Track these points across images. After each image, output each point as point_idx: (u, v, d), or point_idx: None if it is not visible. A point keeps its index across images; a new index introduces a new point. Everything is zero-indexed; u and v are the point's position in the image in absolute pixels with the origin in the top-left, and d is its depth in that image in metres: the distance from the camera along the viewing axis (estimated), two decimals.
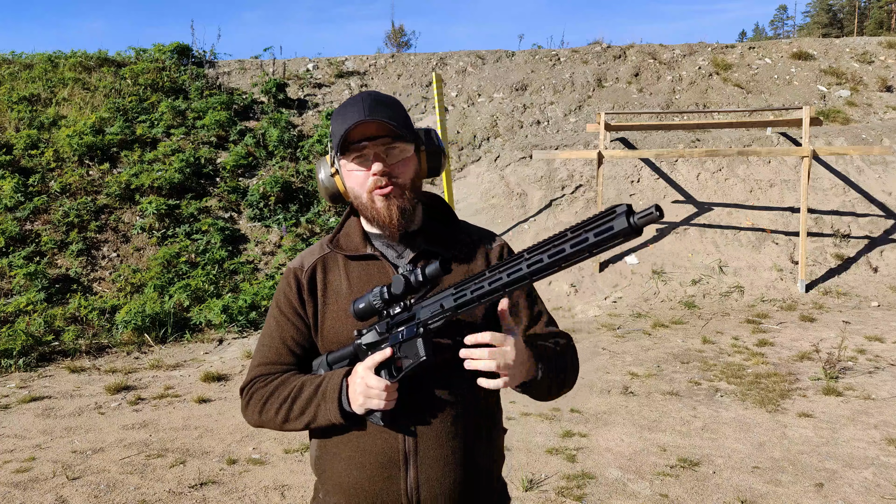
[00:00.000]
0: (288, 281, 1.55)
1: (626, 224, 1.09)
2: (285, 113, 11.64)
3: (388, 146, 1.43)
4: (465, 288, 1.31)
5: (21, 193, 9.08)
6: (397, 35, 28.74)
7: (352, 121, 1.40)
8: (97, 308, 7.59)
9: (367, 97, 1.44)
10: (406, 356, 1.37)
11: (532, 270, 1.21)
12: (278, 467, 4.20)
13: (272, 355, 1.54)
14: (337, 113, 1.46)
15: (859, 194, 10.07)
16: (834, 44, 14.02)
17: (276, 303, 1.56)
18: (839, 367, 5.85)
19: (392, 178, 1.43)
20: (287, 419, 1.47)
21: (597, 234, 1.13)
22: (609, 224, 1.11)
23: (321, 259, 1.55)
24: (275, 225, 9.67)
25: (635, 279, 8.95)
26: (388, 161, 1.43)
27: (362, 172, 1.44)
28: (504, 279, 1.25)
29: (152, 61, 12.31)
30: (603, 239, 1.12)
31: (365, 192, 1.45)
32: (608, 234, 1.11)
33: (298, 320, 1.53)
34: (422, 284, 1.36)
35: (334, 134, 1.45)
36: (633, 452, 4.33)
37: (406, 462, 1.42)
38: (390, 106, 1.45)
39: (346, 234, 1.56)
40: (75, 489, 3.90)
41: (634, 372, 6.02)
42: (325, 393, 1.42)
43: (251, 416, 1.53)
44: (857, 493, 3.77)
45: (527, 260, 1.22)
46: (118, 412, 5.27)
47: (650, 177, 10.43)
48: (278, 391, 1.48)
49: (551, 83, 12.64)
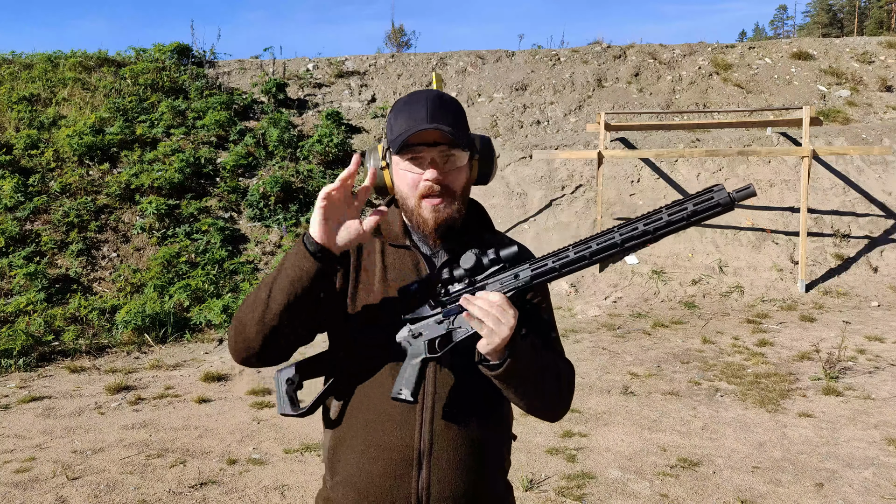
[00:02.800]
0: None
1: (728, 197, 1.16)
2: (285, 113, 11.64)
3: (446, 153, 1.41)
4: (546, 259, 1.31)
5: (21, 193, 9.08)
6: (397, 35, 28.74)
7: (414, 123, 1.38)
8: (97, 308, 7.59)
9: (432, 99, 1.42)
10: (460, 326, 1.35)
11: (625, 238, 1.22)
12: (278, 467, 4.20)
13: None
14: (399, 108, 1.44)
15: (859, 194, 10.07)
16: (834, 44, 14.02)
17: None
18: (839, 367, 5.85)
19: (444, 186, 1.41)
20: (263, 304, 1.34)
21: (696, 204, 1.18)
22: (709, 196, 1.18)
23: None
24: (275, 225, 9.67)
25: (635, 279, 8.95)
26: (442, 168, 1.41)
27: (415, 175, 1.41)
28: (594, 247, 1.25)
29: (152, 61, 12.31)
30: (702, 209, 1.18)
31: (415, 195, 1.42)
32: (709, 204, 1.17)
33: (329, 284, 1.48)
34: (494, 262, 1.35)
35: (392, 129, 1.43)
36: (633, 452, 4.33)
37: (420, 462, 1.40)
38: (453, 112, 1.43)
39: (386, 222, 1.53)
40: (75, 489, 3.90)
41: (634, 372, 6.02)
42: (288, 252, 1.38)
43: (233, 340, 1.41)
44: (857, 493, 3.77)
45: (618, 231, 1.23)
46: (118, 412, 5.27)
47: (650, 177, 10.43)
48: (254, 293, 1.40)
49: (551, 83, 12.64)
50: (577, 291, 8.77)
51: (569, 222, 9.87)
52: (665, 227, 1.20)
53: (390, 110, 1.48)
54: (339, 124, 11.50)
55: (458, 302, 1.36)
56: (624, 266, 9.17)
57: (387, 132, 1.47)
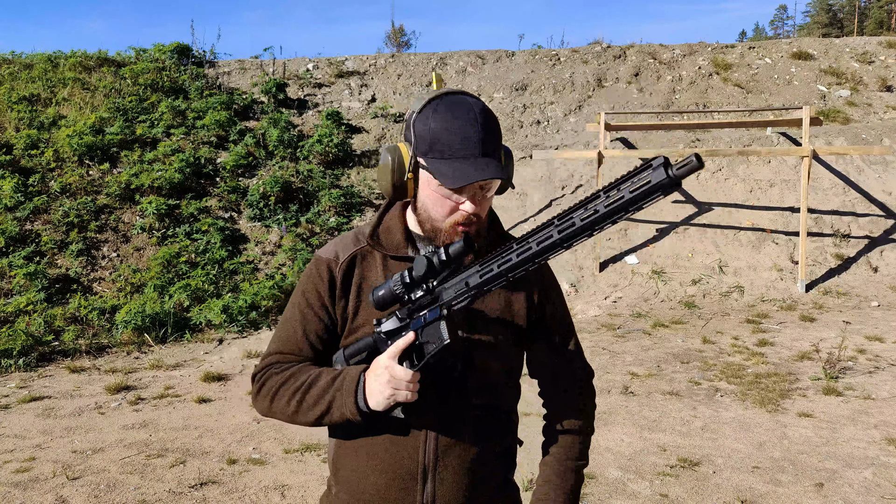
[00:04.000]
0: (319, 271, 1.45)
1: (665, 175, 1.01)
2: (285, 113, 11.64)
3: (486, 186, 1.35)
4: (491, 262, 1.23)
5: (21, 193, 9.08)
6: (397, 35, 28.74)
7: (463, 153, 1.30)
8: (97, 308, 7.59)
9: (482, 121, 1.32)
10: (428, 341, 1.30)
11: (564, 236, 1.13)
12: (278, 467, 4.20)
13: (291, 345, 1.46)
14: (444, 120, 1.32)
15: (859, 194, 10.07)
16: (834, 44, 14.02)
17: (302, 291, 1.47)
18: (839, 367, 5.85)
19: (477, 215, 1.35)
20: (298, 409, 1.38)
21: (633, 191, 1.04)
22: (646, 179, 1.03)
23: (358, 253, 1.45)
24: (275, 225, 9.67)
25: (635, 279, 8.95)
26: (481, 198, 1.35)
27: (452, 203, 1.34)
28: (534, 248, 1.17)
29: (152, 61, 12.31)
30: (640, 194, 1.04)
31: (447, 221, 1.35)
32: (645, 188, 1.03)
33: (324, 314, 1.44)
34: (445, 264, 1.28)
35: (434, 143, 1.32)
36: (633, 452, 4.33)
37: (424, 476, 1.39)
38: (496, 131, 1.35)
39: (386, 230, 1.46)
40: (75, 489, 3.90)
41: (634, 372, 6.02)
42: (343, 385, 1.34)
43: (262, 403, 1.45)
44: (857, 493, 3.77)
45: (557, 226, 1.14)
46: (118, 412, 5.27)
47: None
48: (293, 379, 1.40)
49: (551, 83, 12.64)
50: (577, 291, 8.77)
51: None
52: (603, 220, 1.09)
53: (423, 110, 1.35)
54: (339, 124, 11.50)
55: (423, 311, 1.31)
56: (624, 266, 9.17)
57: (417, 138, 1.34)
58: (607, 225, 1.10)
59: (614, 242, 9.55)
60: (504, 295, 1.46)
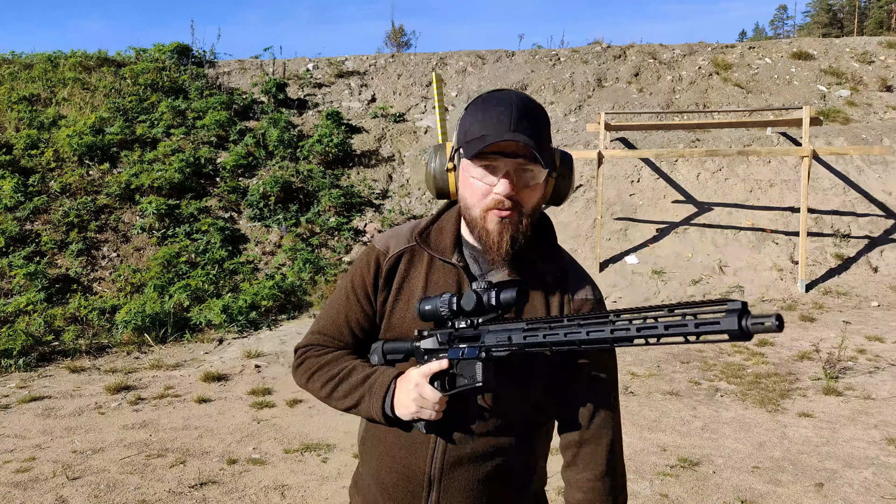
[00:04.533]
0: (369, 261, 1.47)
1: (736, 326, 0.97)
2: (285, 113, 11.64)
3: (523, 167, 1.29)
4: (539, 329, 1.21)
5: (21, 193, 9.08)
6: (397, 35, 28.72)
7: (495, 131, 1.26)
8: (97, 308, 7.59)
9: (517, 103, 1.29)
10: (462, 374, 1.31)
11: (615, 337, 1.10)
12: (278, 467, 4.20)
13: (332, 329, 1.52)
14: (478, 109, 1.32)
15: (859, 194, 10.07)
16: (834, 44, 14.02)
17: (351, 277, 1.50)
18: (839, 367, 5.85)
19: (515, 202, 1.30)
20: (330, 396, 1.46)
21: (698, 325, 1.01)
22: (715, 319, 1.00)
23: (408, 249, 1.45)
24: (275, 225, 9.67)
25: (635, 279, 8.95)
26: (517, 183, 1.30)
27: (485, 186, 1.30)
28: (582, 335, 1.14)
29: (152, 61, 12.31)
30: (703, 331, 1.01)
31: (481, 206, 1.32)
32: (711, 328, 1.00)
33: (367, 303, 1.47)
34: (493, 308, 1.26)
35: (467, 131, 1.32)
36: (633, 452, 4.33)
37: (430, 486, 1.39)
38: (538, 120, 1.31)
39: (438, 230, 1.45)
40: (75, 489, 3.90)
41: (634, 372, 6.02)
42: (373, 387, 1.39)
43: (299, 379, 1.54)
44: (857, 493, 3.77)
45: (613, 323, 1.11)
46: (118, 412, 5.27)
47: (650, 177, 10.43)
48: (328, 367, 1.47)
49: (551, 83, 12.64)
50: None
51: (569, 222, 9.87)
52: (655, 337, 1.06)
53: (468, 106, 1.35)
54: (339, 124, 11.50)
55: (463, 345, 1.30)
56: (624, 266, 9.17)
57: (459, 132, 1.35)
58: (656, 343, 1.08)
59: (614, 242, 9.55)
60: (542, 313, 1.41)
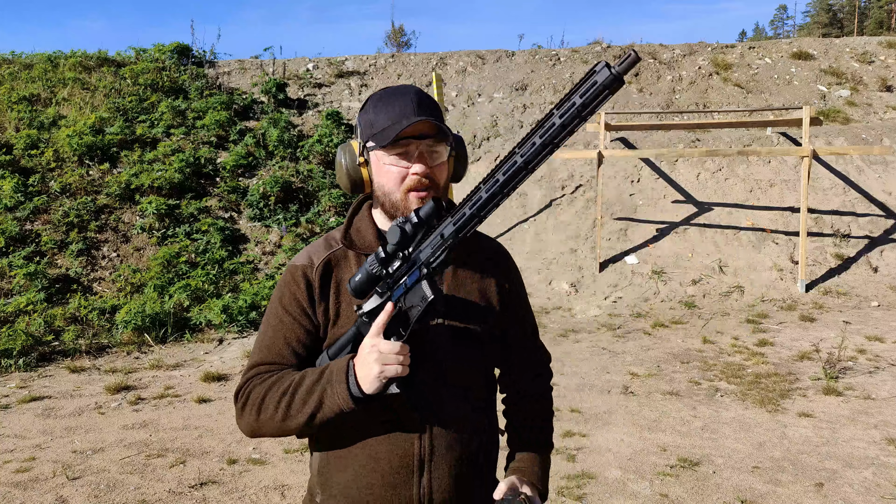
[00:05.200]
0: (295, 279, 1.44)
1: (609, 73, 1.09)
2: (285, 113, 11.64)
3: (431, 147, 1.38)
4: (461, 208, 1.25)
5: (21, 193, 9.08)
6: (397, 35, 28.73)
7: (404, 117, 1.36)
8: (97, 308, 7.59)
9: (415, 92, 1.41)
10: (412, 305, 1.29)
11: (527, 158, 1.18)
12: (278, 467, 4.20)
13: (272, 355, 1.43)
14: (379, 103, 1.41)
15: (859, 194, 10.07)
16: (834, 44, 14.02)
17: (278, 301, 1.45)
18: (839, 367, 5.85)
19: (431, 180, 1.39)
20: (288, 414, 1.35)
21: (583, 95, 1.12)
22: (593, 81, 1.10)
23: (332, 256, 1.46)
24: (275, 225, 9.67)
25: (635, 279, 8.95)
26: (429, 162, 1.38)
27: (401, 169, 1.38)
28: (501, 178, 1.21)
29: (152, 61, 12.31)
30: (590, 97, 1.11)
31: (400, 189, 1.38)
32: (595, 89, 1.10)
33: (306, 320, 1.43)
34: (418, 227, 1.29)
35: (373, 124, 1.40)
36: (633, 452, 4.33)
37: (421, 467, 1.39)
38: (435, 106, 1.43)
39: (357, 231, 1.49)
40: (75, 489, 3.90)
41: (634, 372, 6.02)
42: (332, 376, 1.32)
43: (248, 418, 1.40)
44: (857, 493, 3.77)
45: (518, 152, 1.19)
46: (118, 412, 5.27)
47: (650, 177, 10.43)
48: (278, 384, 1.38)
49: (551, 83, 12.64)
50: (577, 291, 8.77)
51: (569, 222, 9.87)
52: (561, 131, 1.15)
53: (365, 105, 1.44)
54: (339, 124, 11.50)
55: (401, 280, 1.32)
56: (624, 266, 9.17)
57: (363, 127, 1.43)
58: (566, 136, 1.16)
59: (614, 242, 9.55)
60: (479, 284, 1.49)
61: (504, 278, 1.54)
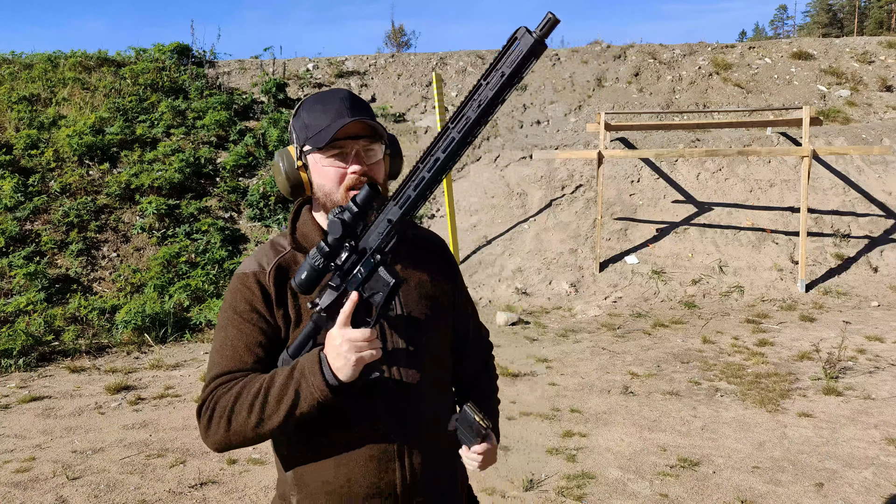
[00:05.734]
0: (248, 285, 1.41)
1: (532, 39, 1.10)
2: (285, 113, 11.64)
3: (367, 147, 1.42)
4: (404, 190, 1.26)
5: (21, 193, 9.08)
6: (397, 35, 28.73)
7: (338, 118, 1.39)
8: (97, 308, 7.59)
9: (347, 95, 1.45)
10: (374, 292, 1.29)
11: (464, 132, 1.19)
12: None
13: (234, 364, 1.38)
14: (313, 107, 1.44)
15: (859, 194, 10.07)
16: (834, 44, 14.02)
17: (231, 310, 1.41)
18: (839, 367, 5.85)
19: (369, 178, 1.41)
20: (262, 417, 1.31)
21: (510, 64, 1.13)
22: (518, 48, 1.12)
23: (283, 260, 1.45)
24: (275, 225, 9.67)
25: (635, 279, 8.95)
26: (366, 161, 1.42)
27: (339, 169, 1.40)
28: (440, 156, 1.22)
29: (152, 61, 12.30)
30: (518, 64, 1.12)
31: (340, 189, 1.40)
32: (521, 56, 1.12)
33: (264, 324, 1.40)
34: (358, 216, 1.29)
35: (308, 127, 1.42)
36: (633, 452, 4.33)
37: (401, 454, 1.41)
38: (367, 107, 1.47)
39: (303, 234, 1.49)
40: (75, 489, 3.90)
41: (634, 372, 6.02)
42: (304, 370, 1.30)
43: (216, 432, 1.35)
44: (857, 493, 3.77)
45: (453, 128, 1.20)
46: (118, 412, 5.27)
47: (650, 177, 10.43)
48: (246, 389, 1.33)
49: (551, 83, 12.64)
50: (576, 291, 8.77)
51: (569, 222, 9.87)
52: (494, 101, 1.15)
53: (297, 110, 1.47)
54: None
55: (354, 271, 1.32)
56: (624, 266, 9.17)
57: (298, 132, 1.45)
58: (498, 106, 1.17)
59: (614, 242, 9.56)
60: (429, 280, 1.54)
61: (449, 269, 1.62)
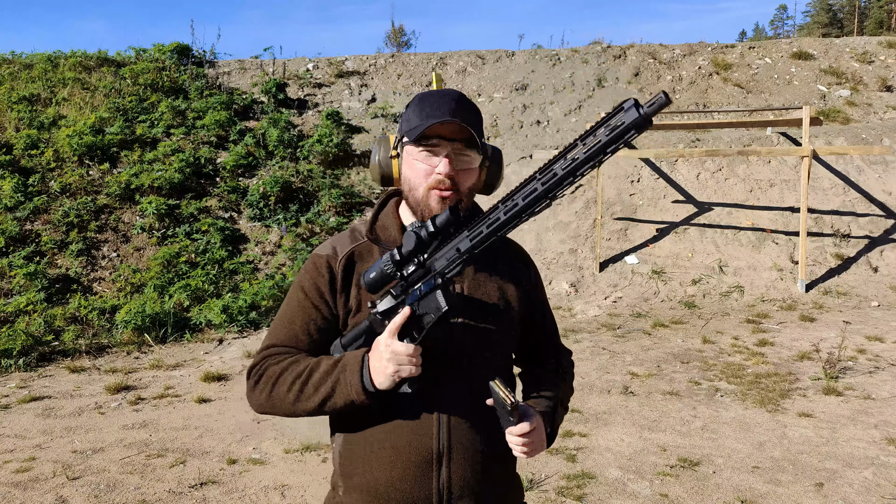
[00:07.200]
0: (318, 267, 1.47)
1: (637, 114, 1.08)
2: (285, 113, 11.64)
3: (460, 151, 1.40)
4: (479, 225, 1.27)
5: (21, 193, 9.08)
6: (397, 35, 28.74)
7: (437, 115, 1.38)
8: (97, 308, 7.59)
9: (456, 96, 1.43)
10: (426, 312, 1.31)
11: (548, 187, 1.18)
12: (278, 467, 4.20)
13: (288, 338, 1.47)
14: (420, 101, 1.44)
15: (859, 194, 10.07)
16: (834, 44, 14.02)
17: (299, 287, 1.48)
18: (839, 367, 5.85)
19: (454, 183, 1.40)
20: (299, 396, 1.38)
21: (609, 132, 1.11)
22: (621, 120, 1.09)
23: (357, 249, 1.48)
24: (275, 225, 9.67)
25: (635, 279, 8.95)
26: (455, 165, 1.40)
27: (426, 166, 1.40)
28: (520, 203, 1.21)
29: (152, 61, 12.31)
30: (616, 135, 1.10)
31: (424, 186, 1.40)
32: (621, 128, 1.09)
33: (325, 307, 1.46)
34: (433, 236, 1.31)
35: (410, 120, 1.43)
36: (633, 452, 4.33)
37: (440, 461, 1.40)
38: (474, 112, 1.44)
39: (382, 227, 1.51)
40: (75, 489, 3.90)
41: (634, 372, 6.02)
42: (346, 366, 1.36)
43: (259, 396, 1.44)
44: (857, 493, 3.77)
45: (540, 179, 1.19)
46: (118, 412, 5.27)
47: (650, 177, 10.43)
48: (293, 367, 1.41)
49: (551, 83, 12.64)
50: (577, 291, 8.77)
51: (569, 222, 9.87)
52: (584, 164, 1.15)
53: (410, 102, 1.47)
54: (339, 124, 11.50)
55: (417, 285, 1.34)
56: (624, 266, 9.17)
57: (402, 123, 1.46)
58: (587, 170, 1.15)
59: (614, 242, 9.55)
60: (499, 285, 1.51)
61: (524, 280, 1.57)
